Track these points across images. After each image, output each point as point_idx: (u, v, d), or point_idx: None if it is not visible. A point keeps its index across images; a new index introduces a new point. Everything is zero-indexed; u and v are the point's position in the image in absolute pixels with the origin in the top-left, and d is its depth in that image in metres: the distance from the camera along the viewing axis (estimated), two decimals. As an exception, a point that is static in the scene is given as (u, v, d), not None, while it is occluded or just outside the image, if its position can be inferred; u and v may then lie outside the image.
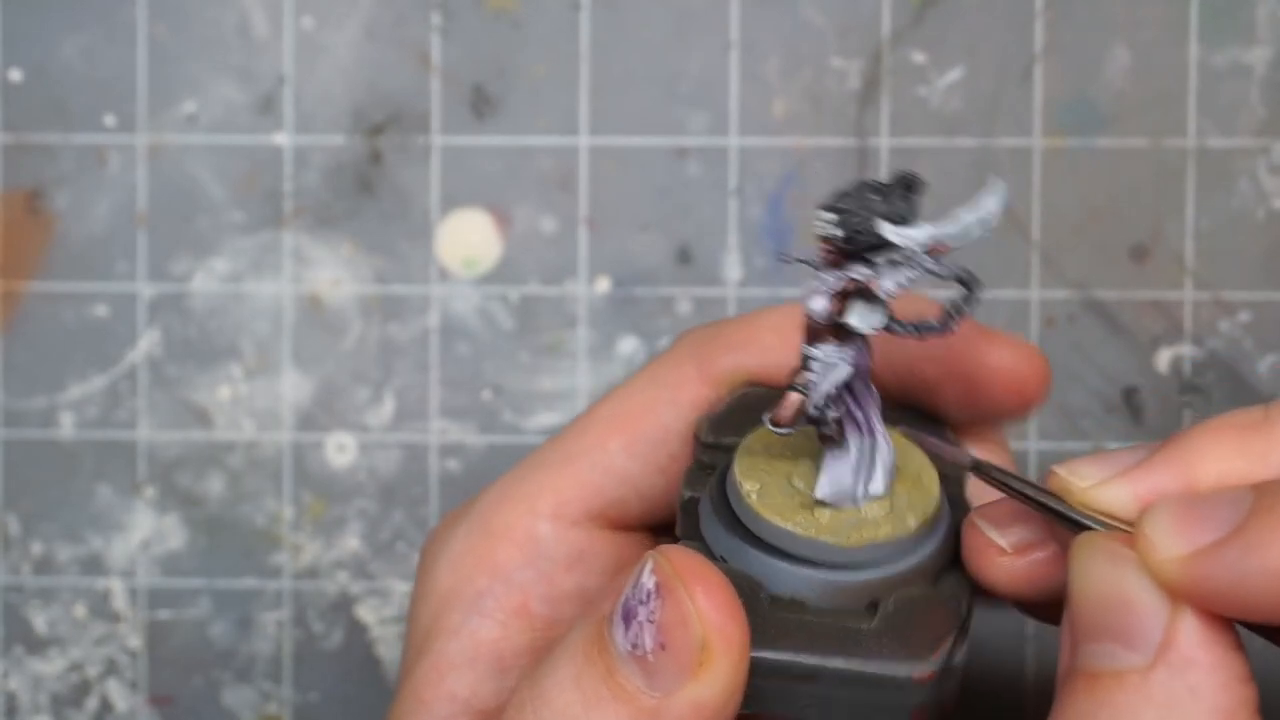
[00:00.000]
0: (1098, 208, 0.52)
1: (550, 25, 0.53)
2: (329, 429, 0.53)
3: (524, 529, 0.41)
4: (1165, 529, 0.33)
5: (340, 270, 0.53)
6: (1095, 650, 0.33)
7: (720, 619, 0.34)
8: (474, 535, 0.42)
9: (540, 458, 0.42)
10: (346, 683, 0.54)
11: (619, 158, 0.53)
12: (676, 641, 0.34)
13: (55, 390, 0.54)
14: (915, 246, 0.34)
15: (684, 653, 0.34)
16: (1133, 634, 0.33)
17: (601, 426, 0.42)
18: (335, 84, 0.53)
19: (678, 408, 0.42)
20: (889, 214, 0.34)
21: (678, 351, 0.42)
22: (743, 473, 0.37)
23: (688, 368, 0.42)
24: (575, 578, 0.41)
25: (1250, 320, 0.52)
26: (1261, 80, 0.52)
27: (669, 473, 0.42)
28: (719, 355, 0.42)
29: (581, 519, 0.42)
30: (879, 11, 0.52)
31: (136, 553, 0.54)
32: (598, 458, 0.41)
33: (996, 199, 0.34)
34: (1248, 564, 0.32)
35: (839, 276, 0.34)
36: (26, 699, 0.54)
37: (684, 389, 0.42)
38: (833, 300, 0.35)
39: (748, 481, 0.37)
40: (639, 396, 0.42)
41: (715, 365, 0.42)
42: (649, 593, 0.34)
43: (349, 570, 0.54)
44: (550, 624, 0.41)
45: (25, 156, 0.53)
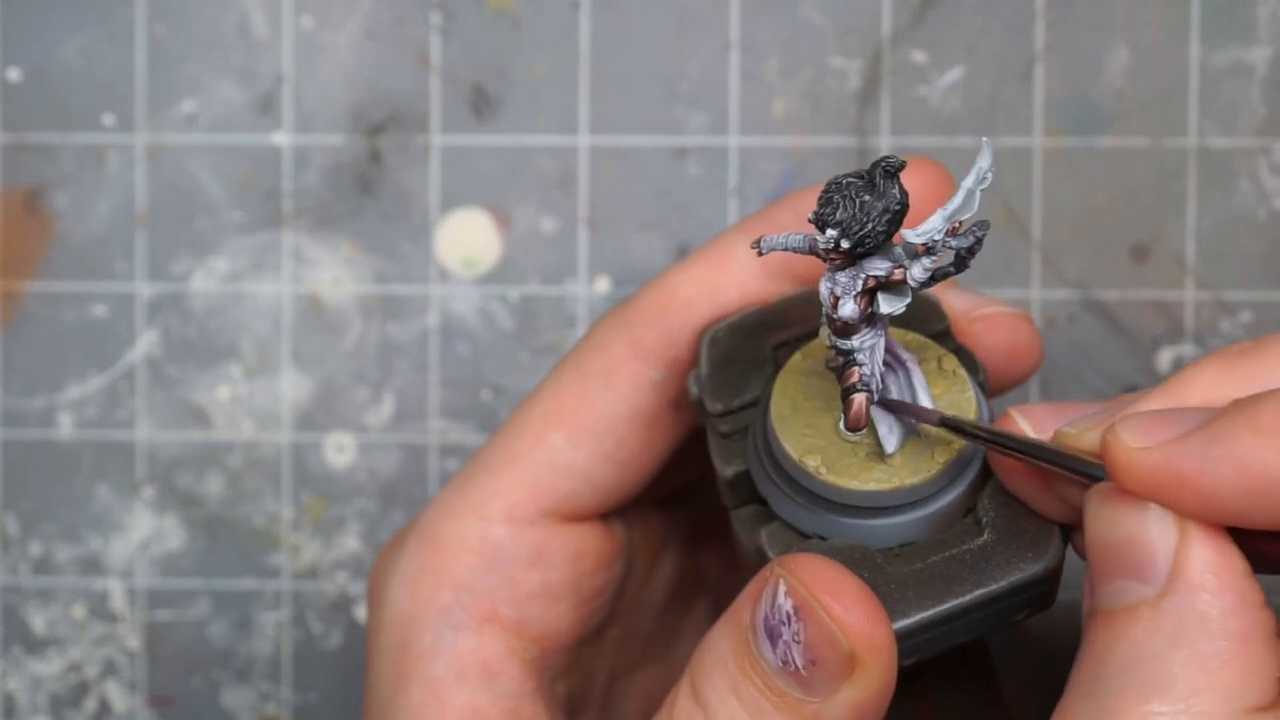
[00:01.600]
0: (1098, 208, 0.52)
1: (550, 25, 0.53)
2: (328, 429, 0.53)
3: (478, 536, 0.41)
4: (1136, 427, 0.33)
5: (340, 270, 0.53)
6: (1110, 589, 0.34)
7: (864, 629, 0.35)
8: (425, 552, 0.41)
9: (480, 463, 0.42)
10: (346, 683, 0.53)
11: (619, 158, 0.53)
12: (825, 657, 0.35)
13: (54, 390, 0.54)
14: (938, 236, 0.34)
15: (834, 664, 0.35)
16: (1143, 567, 0.33)
17: (539, 423, 0.42)
18: (335, 84, 0.53)
19: (614, 392, 0.41)
20: (888, 210, 0.34)
21: (599, 336, 0.42)
22: (794, 447, 0.37)
23: (616, 350, 0.42)
24: (537, 575, 0.41)
25: (1251, 320, 0.52)
26: (1262, 80, 0.52)
27: (617, 458, 0.41)
28: (644, 330, 0.41)
29: (536, 517, 0.41)
30: (879, 11, 0.52)
31: (135, 553, 0.54)
32: (542, 455, 0.41)
33: (987, 157, 0.35)
34: (1213, 452, 0.32)
35: (857, 277, 0.35)
36: (25, 699, 0.54)
37: (618, 372, 0.41)
38: (860, 300, 0.35)
39: (808, 457, 0.37)
40: (570, 388, 0.42)
41: (644, 341, 0.41)
42: (789, 615, 0.35)
43: (348, 570, 0.53)
44: (521, 625, 0.41)
45: (25, 156, 0.53)
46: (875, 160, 0.34)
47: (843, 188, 0.34)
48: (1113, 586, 0.34)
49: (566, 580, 0.41)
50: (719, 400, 0.40)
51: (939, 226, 0.34)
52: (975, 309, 0.41)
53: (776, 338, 0.40)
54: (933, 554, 0.37)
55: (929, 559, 0.37)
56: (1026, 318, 0.41)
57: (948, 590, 0.36)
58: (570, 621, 0.42)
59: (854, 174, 0.34)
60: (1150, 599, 0.33)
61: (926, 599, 0.36)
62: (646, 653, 0.46)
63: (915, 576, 0.37)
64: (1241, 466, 0.32)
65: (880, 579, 0.36)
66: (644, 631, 0.46)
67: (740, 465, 0.39)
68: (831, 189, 0.34)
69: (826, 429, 0.38)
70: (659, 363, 0.41)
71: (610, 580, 0.43)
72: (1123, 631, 0.33)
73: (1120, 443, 0.33)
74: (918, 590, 0.36)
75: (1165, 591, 0.33)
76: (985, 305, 0.41)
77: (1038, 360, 0.41)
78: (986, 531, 0.37)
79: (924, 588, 0.36)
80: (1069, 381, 0.52)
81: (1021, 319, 0.41)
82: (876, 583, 0.36)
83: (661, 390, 0.41)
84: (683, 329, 0.41)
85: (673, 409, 0.42)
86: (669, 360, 0.41)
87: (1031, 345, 0.41)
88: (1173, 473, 0.33)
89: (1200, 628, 0.32)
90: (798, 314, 0.40)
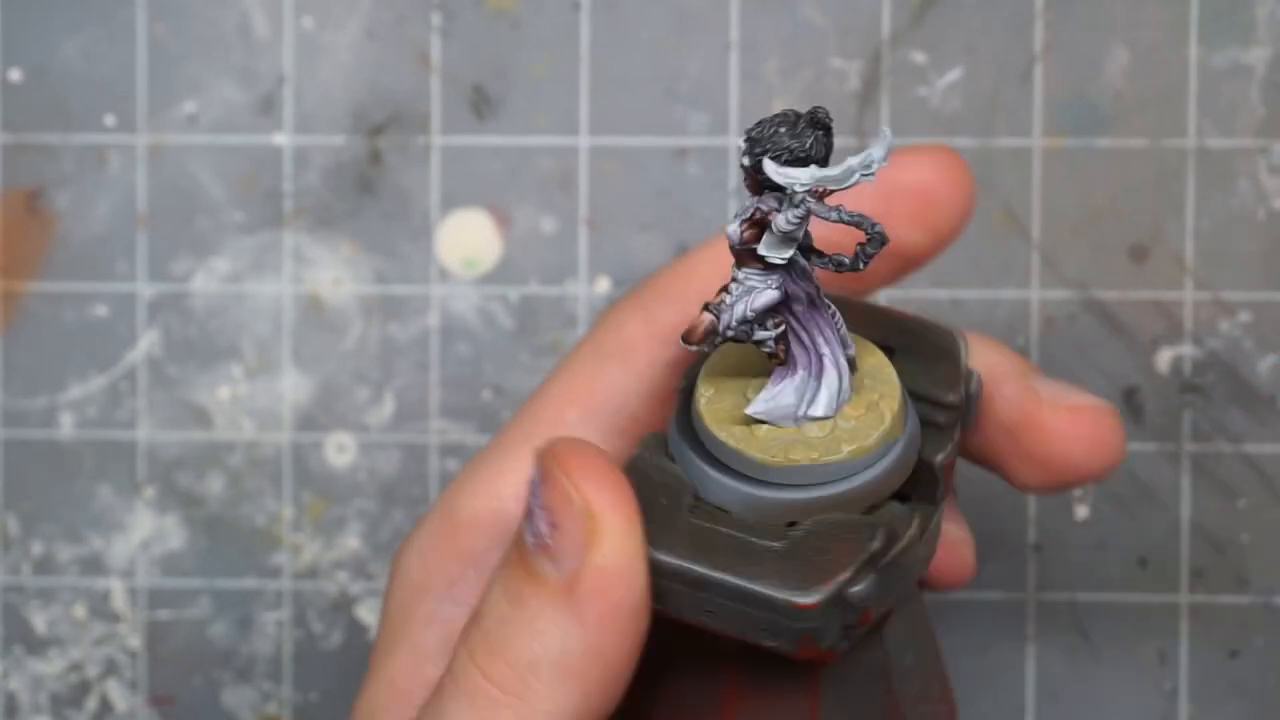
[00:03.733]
0: (1098, 208, 0.52)
1: (550, 25, 0.53)
2: (329, 429, 0.53)
3: (490, 513, 0.41)
4: None
5: (340, 270, 0.53)
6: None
7: (595, 485, 0.35)
8: (440, 525, 0.42)
9: (499, 441, 0.42)
10: (346, 683, 0.54)
11: (619, 158, 0.53)
12: (564, 518, 0.35)
13: (55, 390, 0.54)
14: (798, 186, 0.34)
15: (575, 526, 0.35)
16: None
17: (555, 402, 0.42)
18: (335, 84, 0.53)
19: (630, 369, 0.41)
20: (789, 148, 0.34)
21: (616, 316, 0.42)
22: (705, 377, 0.38)
23: (631, 329, 0.42)
24: None
25: (1250, 320, 0.52)
26: (1261, 80, 0.52)
27: (631, 433, 0.41)
28: (661, 309, 0.41)
29: None
30: (879, 12, 0.52)
31: (136, 553, 0.54)
32: (557, 432, 0.41)
33: (882, 147, 0.35)
34: None
35: (751, 204, 0.35)
36: (26, 699, 0.54)
37: (634, 351, 0.41)
38: (745, 227, 0.35)
39: (706, 386, 0.37)
40: (586, 367, 0.42)
41: (661, 320, 0.41)
42: (534, 484, 0.36)
43: (349, 570, 0.54)
44: None
45: (25, 156, 0.53)
46: (814, 108, 0.35)
47: (781, 117, 0.35)
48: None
49: None
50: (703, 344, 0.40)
51: (803, 178, 0.34)
52: (1061, 398, 0.41)
53: None
54: (730, 527, 0.36)
55: (723, 528, 0.36)
56: (1113, 413, 0.41)
57: (704, 555, 0.36)
58: None
59: (802, 113, 0.35)
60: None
61: (687, 550, 0.36)
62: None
63: (697, 531, 0.36)
64: None
65: (668, 511, 0.36)
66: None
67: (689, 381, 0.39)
68: (779, 114, 0.35)
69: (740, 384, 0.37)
70: (673, 339, 0.41)
71: None
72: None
73: None
74: (688, 541, 0.36)
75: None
76: (1071, 395, 0.41)
77: (1119, 458, 0.41)
78: (786, 541, 0.36)
79: (695, 542, 0.36)
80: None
81: (1108, 414, 0.40)
82: (663, 511, 0.36)
83: (677, 369, 0.42)
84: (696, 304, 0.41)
85: None
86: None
87: (1115, 441, 0.40)
88: None
89: None
90: None
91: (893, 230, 0.39)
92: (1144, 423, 0.52)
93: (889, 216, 0.40)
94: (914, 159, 0.41)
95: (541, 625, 0.36)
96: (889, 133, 0.34)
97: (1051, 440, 0.40)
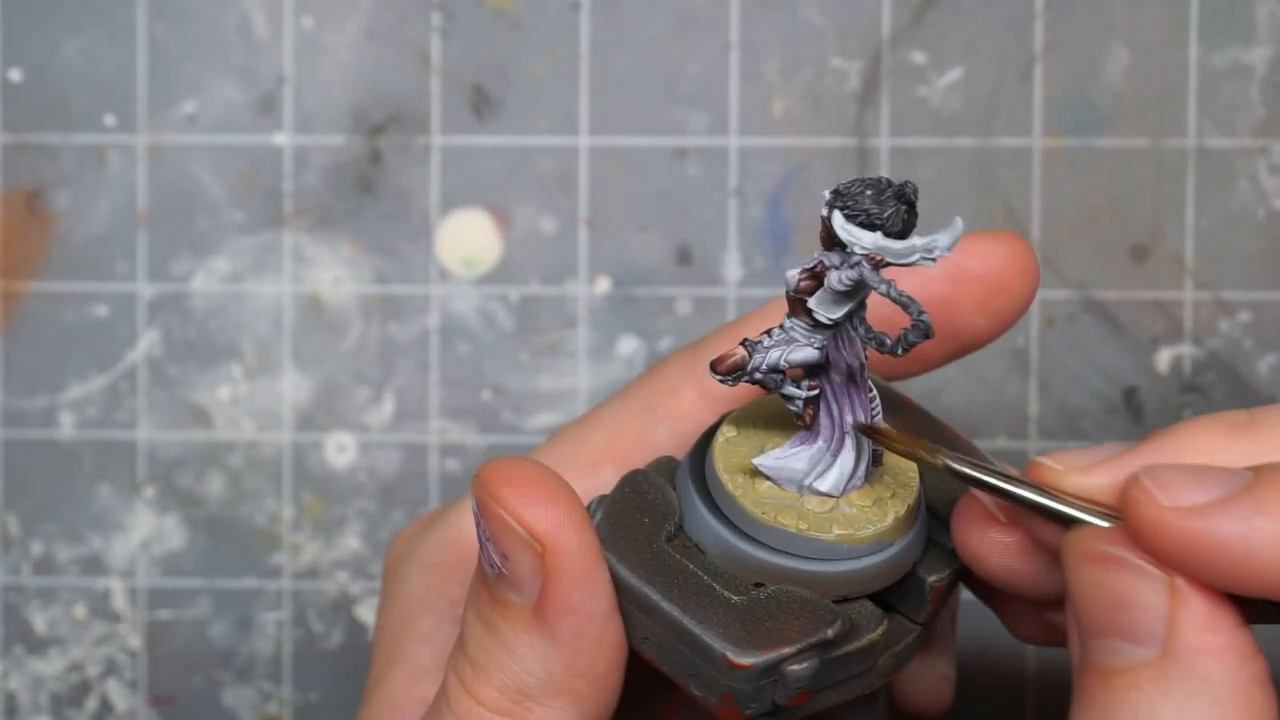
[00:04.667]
0: (1098, 208, 0.52)
1: (550, 25, 0.53)
2: (329, 429, 0.53)
3: None
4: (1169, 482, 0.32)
5: (340, 270, 0.53)
6: (1102, 646, 0.33)
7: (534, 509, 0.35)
8: (448, 543, 0.41)
9: None
10: (346, 683, 0.54)
11: (619, 158, 0.53)
12: (512, 548, 0.35)
13: (55, 390, 0.54)
14: (857, 249, 0.34)
15: (524, 553, 0.35)
16: (1136, 628, 0.32)
17: (596, 453, 0.41)
18: (335, 84, 0.53)
19: (678, 436, 0.41)
20: (866, 211, 0.34)
21: (671, 372, 0.42)
22: (733, 420, 0.37)
23: (686, 395, 0.41)
24: None
25: (1250, 320, 0.52)
26: (1261, 80, 0.52)
27: None
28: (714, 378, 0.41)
29: None
30: (879, 12, 0.52)
31: (136, 553, 0.54)
32: (589, 483, 0.41)
33: (949, 235, 0.34)
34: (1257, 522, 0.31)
35: (816, 257, 0.35)
36: (27, 699, 0.54)
37: (686, 417, 0.41)
38: (804, 276, 0.35)
39: (729, 426, 0.37)
40: (635, 423, 0.41)
41: (714, 390, 0.41)
42: (477, 516, 0.35)
43: (349, 570, 0.54)
44: None
45: (25, 156, 0.53)
46: (905, 181, 0.34)
47: (872, 180, 0.34)
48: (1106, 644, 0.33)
49: None
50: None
51: (865, 241, 0.34)
52: None
53: None
54: (699, 568, 0.36)
55: (692, 565, 0.36)
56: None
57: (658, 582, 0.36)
58: None
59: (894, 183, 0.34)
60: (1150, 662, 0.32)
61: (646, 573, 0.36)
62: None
63: (665, 559, 0.36)
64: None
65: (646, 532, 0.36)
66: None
67: None
68: (874, 179, 0.34)
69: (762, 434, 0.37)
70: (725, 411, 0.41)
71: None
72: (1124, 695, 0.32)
73: (1149, 498, 0.32)
74: (652, 564, 0.36)
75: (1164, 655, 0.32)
76: None
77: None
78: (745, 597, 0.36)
79: (658, 568, 0.36)
80: (1068, 381, 0.52)
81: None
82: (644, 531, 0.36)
83: None
84: None
85: None
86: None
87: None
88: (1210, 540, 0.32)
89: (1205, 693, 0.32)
90: None
91: (958, 315, 0.39)
92: (1144, 422, 0.52)
93: (955, 301, 0.39)
94: (984, 246, 0.40)
95: (520, 650, 0.35)
96: (960, 224, 0.34)
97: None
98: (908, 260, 0.34)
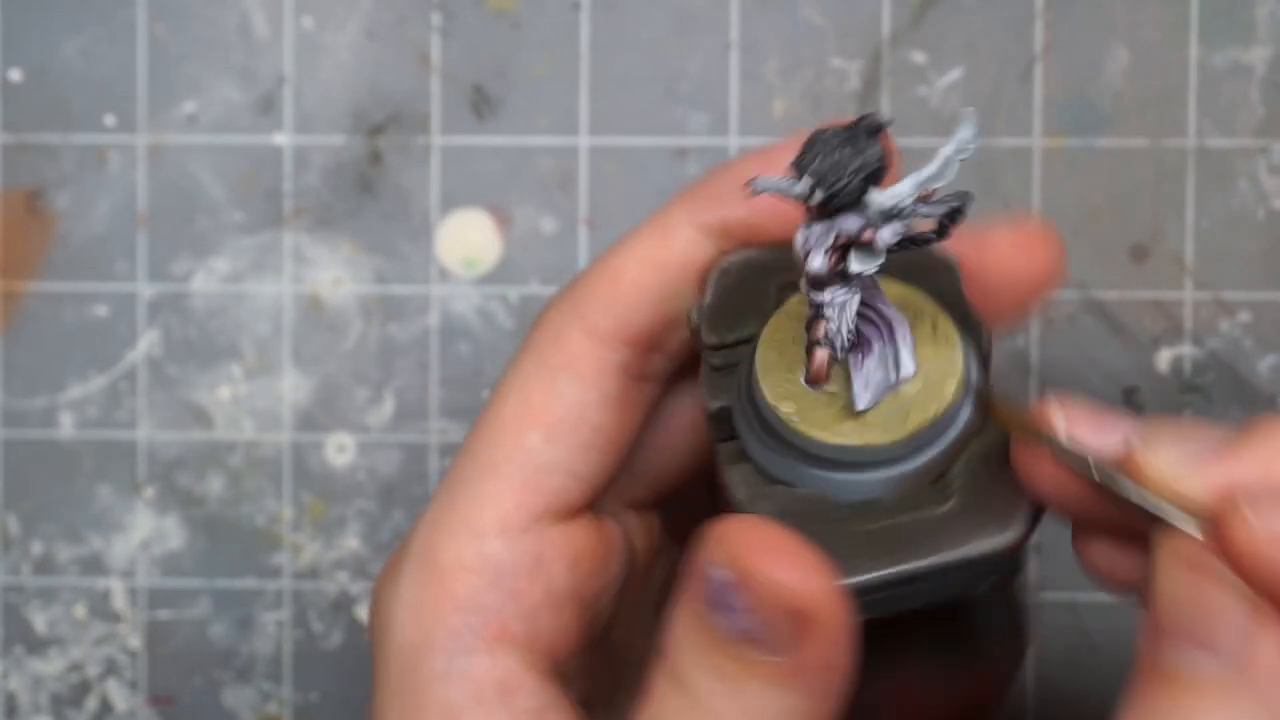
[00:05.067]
0: (1098, 208, 0.52)
1: (550, 25, 0.53)
2: (329, 429, 0.53)
3: (474, 553, 0.40)
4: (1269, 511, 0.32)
5: (340, 270, 0.53)
6: (1174, 652, 0.33)
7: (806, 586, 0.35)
8: (425, 576, 0.41)
9: (462, 477, 0.41)
10: (346, 683, 0.54)
11: (619, 158, 0.53)
12: (777, 620, 0.35)
13: (55, 390, 0.54)
14: (907, 201, 0.34)
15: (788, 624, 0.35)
16: (1215, 640, 0.33)
17: (512, 425, 0.41)
18: (335, 84, 0.53)
19: (581, 381, 0.41)
20: (864, 166, 0.33)
21: (554, 327, 0.41)
22: (772, 393, 0.37)
23: (574, 339, 0.41)
24: (540, 585, 0.41)
25: (1250, 320, 0.52)
26: (1262, 80, 0.52)
27: (596, 445, 0.41)
28: (599, 317, 0.41)
29: (528, 524, 0.41)
30: (879, 12, 0.52)
31: (136, 553, 0.54)
32: (523, 458, 0.41)
33: (969, 127, 0.34)
34: None
35: (829, 231, 0.34)
36: (26, 699, 0.54)
37: (581, 361, 0.41)
38: (830, 255, 0.35)
39: (782, 404, 0.37)
40: (536, 384, 0.41)
41: (600, 327, 0.41)
42: (732, 586, 0.35)
43: (349, 570, 0.54)
44: (531, 638, 0.41)
45: (25, 156, 0.53)
46: (859, 118, 0.34)
47: (825, 139, 0.33)
48: (1178, 650, 0.33)
49: (568, 587, 0.41)
50: (715, 333, 0.39)
51: (909, 191, 0.33)
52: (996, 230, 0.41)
53: (787, 278, 0.39)
54: (894, 515, 0.36)
55: (889, 520, 0.36)
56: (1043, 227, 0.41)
57: (902, 553, 0.36)
58: (577, 628, 0.42)
59: (838, 126, 0.34)
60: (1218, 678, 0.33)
61: (878, 559, 0.36)
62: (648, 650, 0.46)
63: (871, 536, 0.36)
64: None
65: (834, 534, 0.36)
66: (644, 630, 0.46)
67: (724, 401, 0.38)
68: (814, 138, 0.33)
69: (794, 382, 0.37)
70: (618, 344, 0.41)
71: (610, 582, 0.43)
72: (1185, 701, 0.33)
73: (1247, 526, 0.33)
74: (871, 550, 0.36)
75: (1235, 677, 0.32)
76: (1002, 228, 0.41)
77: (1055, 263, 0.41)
78: (954, 499, 0.36)
79: (878, 548, 0.36)
80: (1068, 381, 0.52)
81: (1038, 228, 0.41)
82: (830, 536, 0.36)
83: (626, 369, 0.41)
84: (636, 308, 0.41)
85: (639, 383, 0.42)
86: (628, 339, 0.41)
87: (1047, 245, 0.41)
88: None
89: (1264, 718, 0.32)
90: None
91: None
92: (1144, 423, 0.52)
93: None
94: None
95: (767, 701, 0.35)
96: (973, 110, 0.34)
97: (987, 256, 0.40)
98: (951, 174, 0.34)
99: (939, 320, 0.37)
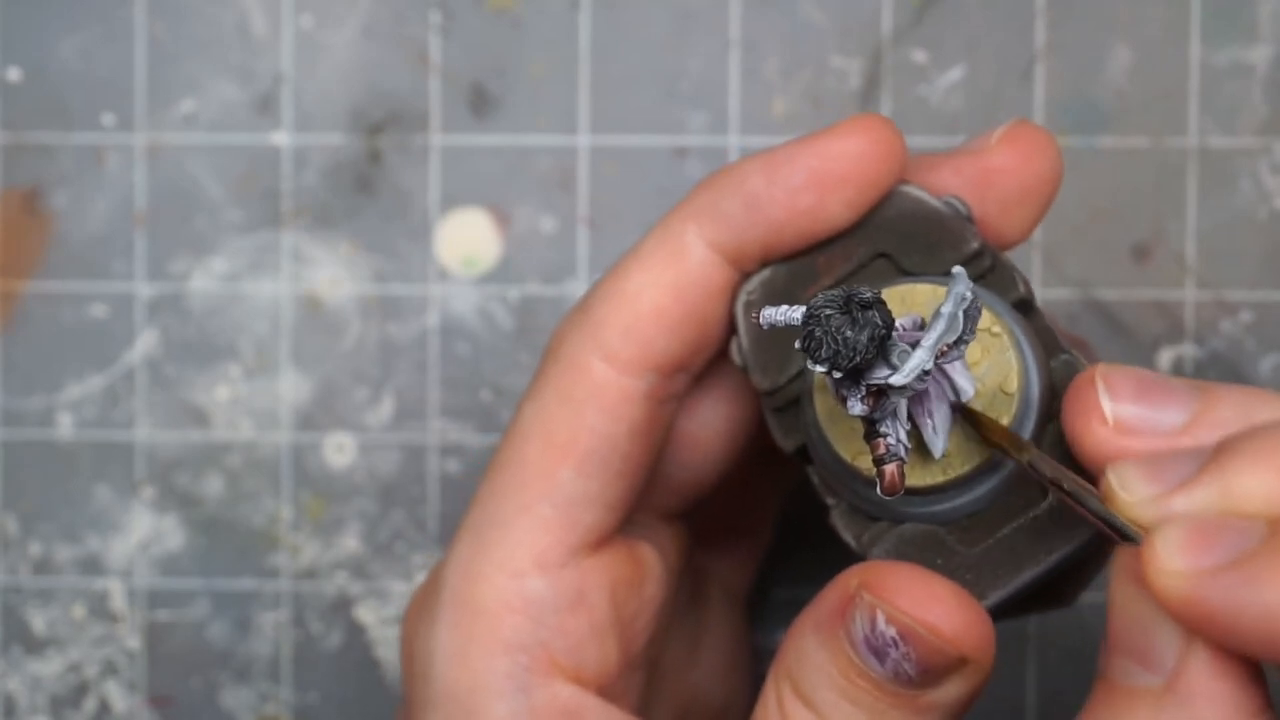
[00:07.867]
0: (1098, 207, 0.52)
1: (550, 25, 0.53)
2: (328, 429, 0.53)
3: (516, 594, 0.40)
4: (1173, 545, 0.33)
5: (339, 270, 0.53)
6: (1118, 663, 0.34)
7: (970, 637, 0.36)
8: (467, 621, 0.40)
9: (493, 516, 0.41)
10: (346, 683, 0.53)
11: (619, 158, 0.53)
12: (937, 665, 0.36)
13: (53, 390, 0.54)
14: (930, 365, 0.34)
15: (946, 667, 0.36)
16: (1149, 656, 0.34)
17: (541, 460, 0.41)
18: (334, 83, 0.53)
19: (608, 413, 0.40)
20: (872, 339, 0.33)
21: (573, 357, 0.41)
22: (845, 449, 0.37)
23: (596, 369, 0.41)
24: (583, 618, 0.41)
25: (1252, 320, 0.52)
26: (1263, 79, 0.52)
27: (625, 473, 0.41)
28: (618, 345, 0.41)
29: (566, 559, 0.40)
30: (879, 11, 0.52)
31: (135, 553, 0.54)
32: (556, 495, 0.40)
33: (962, 283, 0.35)
34: (1243, 596, 0.32)
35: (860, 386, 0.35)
36: (25, 700, 0.54)
37: (605, 392, 0.40)
38: (865, 400, 0.35)
39: (859, 460, 0.37)
40: (561, 417, 0.41)
41: (621, 355, 0.40)
42: (894, 639, 0.36)
43: (348, 571, 0.53)
44: (579, 669, 0.41)
45: (24, 156, 0.53)
46: (849, 294, 0.34)
47: (822, 321, 0.33)
48: (1122, 662, 0.34)
49: (609, 616, 0.41)
50: (766, 377, 0.39)
51: (925, 360, 0.34)
52: None
53: (809, 293, 0.40)
54: (1001, 525, 0.37)
55: (998, 532, 0.37)
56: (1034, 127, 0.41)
57: (1022, 563, 0.37)
58: (619, 652, 0.41)
59: (829, 301, 0.34)
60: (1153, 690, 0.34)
61: (1004, 578, 0.37)
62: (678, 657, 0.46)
63: (988, 554, 0.37)
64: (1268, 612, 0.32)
65: (955, 563, 0.37)
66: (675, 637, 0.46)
67: (799, 439, 0.39)
68: (811, 322, 0.34)
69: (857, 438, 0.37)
70: (642, 371, 0.41)
71: (646, 603, 0.42)
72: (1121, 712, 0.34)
73: (1156, 563, 0.33)
74: (993, 569, 0.37)
75: (1166, 689, 0.34)
76: None
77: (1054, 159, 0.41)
78: (1050, 498, 0.37)
79: (999, 565, 0.37)
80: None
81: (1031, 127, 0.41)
82: (952, 568, 0.37)
83: (651, 394, 0.41)
84: (658, 334, 0.40)
85: (664, 404, 0.42)
86: (652, 366, 0.41)
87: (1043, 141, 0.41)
88: (1203, 612, 0.33)
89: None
90: (825, 263, 0.40)
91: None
92: (1145, 423, 0.52)
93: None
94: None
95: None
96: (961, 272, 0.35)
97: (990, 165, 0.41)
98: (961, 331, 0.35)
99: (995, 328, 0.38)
